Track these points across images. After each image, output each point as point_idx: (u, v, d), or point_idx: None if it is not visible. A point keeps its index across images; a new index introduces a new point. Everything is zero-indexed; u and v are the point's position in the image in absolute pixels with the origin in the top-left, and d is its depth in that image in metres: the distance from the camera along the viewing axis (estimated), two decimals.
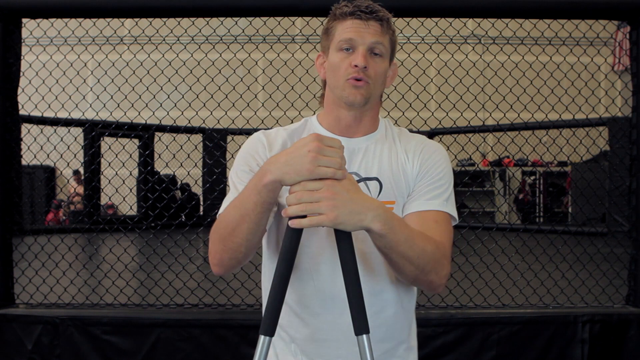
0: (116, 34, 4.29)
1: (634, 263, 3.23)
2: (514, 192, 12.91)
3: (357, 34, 1.37)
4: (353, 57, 1.37)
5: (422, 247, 1.27)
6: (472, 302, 3.33)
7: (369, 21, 1.37)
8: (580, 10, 3.31)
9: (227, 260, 1.33)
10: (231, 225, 1.27)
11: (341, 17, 1.40)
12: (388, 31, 1.41)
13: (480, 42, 9.62)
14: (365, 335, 1.19)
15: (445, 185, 1.43)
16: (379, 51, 1.39)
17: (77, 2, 3.29)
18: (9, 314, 3.15)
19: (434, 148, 1.48)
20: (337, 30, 1.40)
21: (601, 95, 10.52)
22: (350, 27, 1.38)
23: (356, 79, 1.37)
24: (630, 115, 3.33)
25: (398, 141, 1.49)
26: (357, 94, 1.38)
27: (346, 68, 1.38)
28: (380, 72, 1.40)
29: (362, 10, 1.37)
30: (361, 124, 1.46)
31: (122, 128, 6.17)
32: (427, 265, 1.29)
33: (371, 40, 1.37)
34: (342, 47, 1.39)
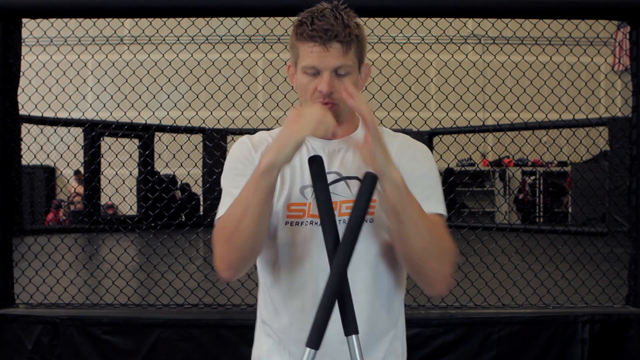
0: (116, 34, 4.28)
1: (634, 263, 3.23)
2: (514, 192, 12.91)
3: (319, 60, 1.36)
4: (317, 82, 1.38)
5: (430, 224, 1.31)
6: (472, 302, 3.33)
7: (330, 43, 1.35)
8: (580, 10, 3.31)
9: (235, 261, 1.35)
10: (235, 223, 1.30)
11: (302, 39, 1.38)
12: (350, 44, 1.37)
13: (480, 42, 9.62)
14: (354, 336, 1.22)
15: (432, 185, 1.44)
16: (344, 71, 1.38)
17: (77, 2, 3.29)
18: (9, 314, 3.15)
19: (416, 146, 1.50)
20: (300, 51, 1.39)
21: (601, 95, 10.50)
22: (311, 53, 1.36)
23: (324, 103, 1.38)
24: (630, 115, 3.33)
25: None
26: None
27: (312, 91, 1.39)
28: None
29: (321, 35, 1.34)
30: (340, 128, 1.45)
31: (122, 128, 6.17)
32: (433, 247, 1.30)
33: (334, 65, 1.37)
34: (306, 72, 1.39)
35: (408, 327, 3.24)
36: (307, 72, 1.39)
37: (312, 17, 1.37)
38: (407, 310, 3.30)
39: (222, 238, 1.34)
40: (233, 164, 1.48)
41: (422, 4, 3.29)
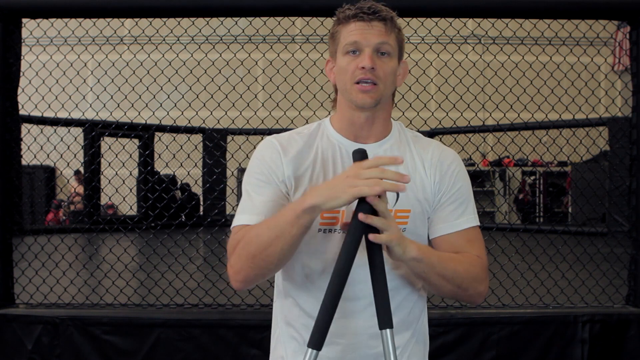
0: (116, 34, 4.29)
1: (634, 263, 3.23)
2: (514, 192, 12.91)
3: (362, 36, 1.36)
4: (360, 59, 1.36)
5: (454, 267, 1.35)
6: None
7: (373, 22, 1.36)
8: (580, 10, 3.31)
9: (253, 277, 1.35)
10: (263, 245, 1.29)
11: (345, 21, 1.39)
12: (393, 29, 1.39)
13: (480, 42, 9.62)
14: (388, 330, 1.22)
15: (467, 197, 1.46)
16: (386, 50, 1.38)
17: (77, 2, 3.29)
18: (9, 314, 3.15)
19: (451, 157, 1.48)
20: (342, 34, 1.39)
21: (601, 95, 10.52)
22: (354, 30, 1.37)
23: (365, 82, 1.36)
24: (630, 115, 3.33)
25: (413, 147, 1.48)
26: (367, 97, 1.37)
27: (353, 71, 1.37)
28: (388, 71, 1.39)
29: (365, 12, 1.36)
30: (373, 127, 1.44)
31: (122, 128, 6.17)
32: (463, 283, 1.36)
33: (376, 41, 1.36)
34: (348, 51, 1.38)
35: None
36: (349, 52, 1.38)
37: (352, 3, 1.40)
38: None
39: (245, 252, 1.32)
40: (259, 167, 1.42)
41: (422, 4, 3.29)
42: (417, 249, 1.28)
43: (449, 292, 1.38)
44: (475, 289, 1.39)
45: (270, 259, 1.29)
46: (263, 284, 1.62)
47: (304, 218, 1.25)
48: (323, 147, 1.44)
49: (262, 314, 3.13)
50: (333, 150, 1.43)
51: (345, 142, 1.43)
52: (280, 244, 1.27)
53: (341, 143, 1.43)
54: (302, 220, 1.25)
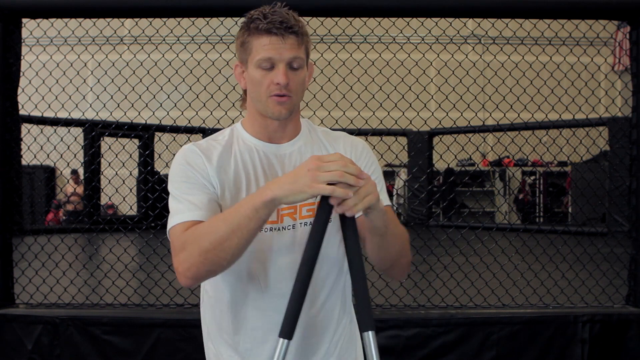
0: (116, 34, 4.29)
1: (634, 263, 3.23)
2: (514, 192, 12.91)
3: (276, 51, 1.37)
4: (274, 75, 1.38)
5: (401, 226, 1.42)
6: (472, 302, 3.33)
7: (285, 36, 1.37)
8: (580, 10, 3.31)
9: (205, 273, 1.34)
10: (219, 239, 1.28)
11: (257, 33, 1.38)
12: (303, 41, 1.41)
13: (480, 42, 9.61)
14: (370, 332, 1.20)
15: (380, 179, 1.51)
16: (298, 64, 1.40)
17: (77, 2, 3.29)
18: (9, 314, 3.15)
19: (361, 145, 1.55)
20: (254, 46, 1.39)
21: (601, 95, 10.52)
22: (267, 45, 1.37)
23: (279, 95, 1.39)
24: (630, 115, 3.33)
25: (325, 141, 1.54)
26: (282, 109, 1.41)
27: (268, 85, 1.39)
28: (300, 82, 1.42)
29: (277, 27, 1.36)
30: (286, 129, 1.49)
31: (122, 128, 6.17)
32: (405, 244, 1.43)
33: (289, 56, 1.38)
34: (261, 65, 1.39)
35: (408, 327, 3.24)
36: (262, 66, 1.39)
37: (263, 13, 1.38)
38: (407, 310, 3.31)
39: (197, 248, 1.30)
40: (185, 172, 1.44)
41: (422, 4, 3.29)
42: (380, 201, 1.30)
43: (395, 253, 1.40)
44: (408, 257, 1.45)
45: (224, 254, 1.28)
46: None
47: (263, 211, 1.25)
48: (241, 150, 1.47)
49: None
50: (250, 153, 1.47)
51: (260, 144, 1.48)
52: (236, 238, 1.27)
53: (257, 145, 1.48)
54: (260, 214, 1.25)
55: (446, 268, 3.86)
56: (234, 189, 1.43)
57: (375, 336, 1.21)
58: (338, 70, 4.01)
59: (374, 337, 1.21)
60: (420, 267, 3.95)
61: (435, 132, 9.61)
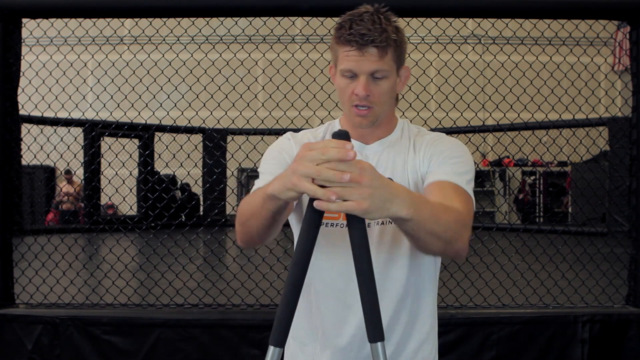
0: (116, 34, 4.29)
1: (634, 263, 3.23)
2: (514, 192, 12.91)
3: (356, 64, 1.37)
4: (355, 85, 1.39)
5: (446, 220, 1.23)
6: (472, 302, 3.33)
7: (365, 49, 1.36)
8: (580, 10, 3.31)
9: (247, 240, 1.40)
10: (244, 218, 1.35)
11: (340, 43, 1.39)
12: (388, 49, 1.38)
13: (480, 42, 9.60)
14: (379, 343, 1.13)
15: (463, 164, 1.42)
16: (381, 75, 1.39)
17: (77, 2, 3.28)
18: (9, 314, 3.15)
19: (448, 139, 1.50)
20: (339, 54, 1.40)
21: (601, 95, 10.52)
22: (348, 56, 1.38)
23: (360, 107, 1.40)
24: (630, 115, 3.33)
25: (413, 141, 1.51)
26: (363, 120, 1.42)
27: (350, 95, 1.40)
28: (384, 92, 1.41)
29: (359, 39, 1.35)
30: (376, 130, 1.50)
31: (122, 128, 6.17)
32: (453, 236, 1.26)
33: (370, 69, 1.37)
34: (344, 75, 1.40)
35: None
36: (345, 75, 1.40)
37: (351, 20, 1.37)
38: None
39: (238, 219, 1.38)
40: (273, 154, 1.49)
41: (422, 4, 3.29)
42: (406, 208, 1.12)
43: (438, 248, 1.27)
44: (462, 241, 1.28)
45: (250, 230, 1.34)
46: (262, 284, 1.62)
47: (270, 203, 1.23)
48: None
49: (262, 314, 3.13)
50: None
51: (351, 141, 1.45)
52: (254, 222, 1.31)
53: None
54: (268, 205, 1.23)
55: (446, 268, 3.86)
56: None
57: (384, 347, 1.13)
58: None
59: (382, 348, 1.13)
60: None
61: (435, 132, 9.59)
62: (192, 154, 5.60)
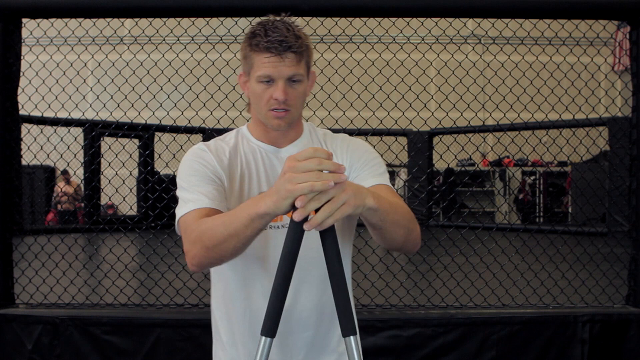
0: (116, 34, 4.28)
1: (634, 263, 3.23)
2: (514, 192, 12.91)
3: (275, 69, 1.42)
4: (273, 90, 1.44)
5: (402, 209, 1.38)
6: (472, 302, 3.33)
7: (284, 55, 1.41)
8: (580, 10, 3.31)
9: (208, 264, 1.40)
10: (218, 240, 1.31)
11: (257, 50, 1.43)
12: (303, 57, 1.45)
13: (480, 42, 9.62)
14: (352, 337, 1.21)
15: (380, 164, 1.55)
16: (297, 79, 1.45)
17: (77, 2, 3.28)
18: (9, 314, 3.15)
19: (357, 141, 1.60)
20: (255, 61, 1.44)
21: (601, 95, 10.53)
22: (267, 63, 1.42)
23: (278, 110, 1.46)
24: (630, 115, 3.33)
25: (324, 143, 1.59)
26: (281, 122, 1.48)
27: (267, 99, 1.46)
28: (299, 95, 1.48)
29: (277, 46, 1.40)
30: (288, 134, 1.56)
31: (122, 128, 6.17)
32: (409, 224, 1.40)
33: (288, 73, 1.43)
34: (261, 80, 1.45)
35: (408, 327, 3.24)
36: (262, 81, 1.45)
37: (264, 29, 1.42)
38: (407, 310, 3.31)
39: (199, 243, 1.35)
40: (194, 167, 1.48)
41: (422, 4, 3.29)
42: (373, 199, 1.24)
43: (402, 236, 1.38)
44: (417, 230, 1.43)
45: (222, 252, 1.34)
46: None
47: (259, 222, 1.26)
48: (245, 151, 1.56)
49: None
50: (254, 154, 1.55)
51: (264, 146, 1.56)
52: (233, 242, 1.30)
53: (260, 147, 1.56)
54: (256, 224, 1.27)
55: (446, 268, 3.86)
56: (239, 187, 1.51)
57: (357, 340, 1.21)
58: (338, 70, 4.00)
59: (356, 342, 1.21)
60: (420, 267, 3.95)
61: (435, 132, 9.61)
62: None
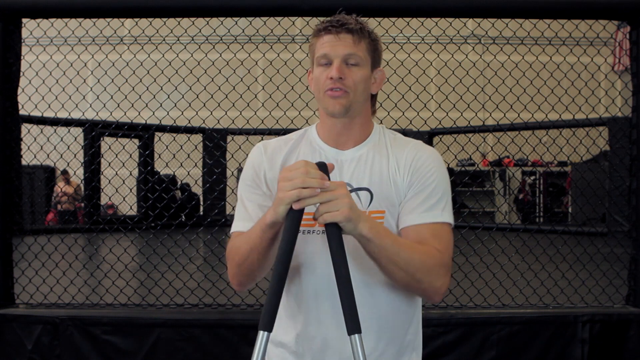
0: (116, 34, 4.28)
1: (634, 263, 3.23)
2: (514, 192, 12.91)
3: (331, 48, 1.44)
4: (329, 70, 1.44)
5: (409, 255, 1.34)
6: (472, 302, 3.33)
7: (340, 34, 1.44)
8: (580, 10, 3.31)
9: (246, 281, 1.47)
10: (243, 256, 1.41)
11: (318, 34, 1.47)
12: (362, 40, 1.46)
13: (480, 42, 9.62)
14: (357, 335, 1.23)
15: (439, 193, 1.45)
16: (354, 61, 1.45)
17: (77, 2, 3.29)
18: (9, 314, 3.15)
19: (426, 155, 1.49)
20: (316, 46, 1.48)
21: (601, 95, 10.52)
22: (324, 43, 1.45)
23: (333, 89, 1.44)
24: (630, 115, 3.33)
25: (390, 149, 1.52)
26: (336, 103, 1.44)
27: (324, 81, 1.45)
28: (358, 80, 1.45)
29: (333, 25, 1.44)
30: (351, 133, 1.51)
31: (122, 128, 6.17)
32: (417, 273, 1.34)
33: (344, 52, 1.44)
34: (320, 63, 1.46)
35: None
36: (321, 63, 1.46)
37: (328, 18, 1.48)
38: None
39: (233, 262, 1.44)
40: (248, 173, 1.53)
41: (422, 4, 3.29)
42: (368, 228, 1.28)
43: (401, 280, 1.36)
44: (430, 283, 1.37)
45: (252, 267, 1.41)
46: (262, 283, 1.62)
47: (269, 232, 1.33)
48: (305, 152, 1.52)
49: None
50: (313, 155, 1.51)
51: (326, 148, 1.52)
52: (255, 255, 1.38)
53: (322, 148, 1.52)
54: (267, 235, 1.34)
55: None
56: None
57: (361, 339, 1.23)
58: None
59: (360, 340, 1.23)
60: None
61: (435, 132, 9.60)
62: (192, 154, 5.59)
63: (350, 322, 1.23)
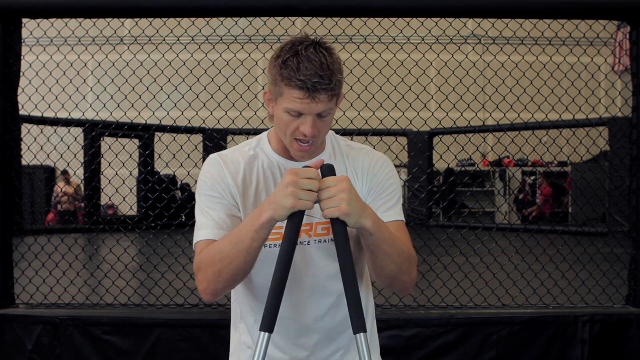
0: (116, 34, 4.28)
1: (634, 263, 3.23)
2: (514, 192, 12.91)
3: (305, 107, 1.36)
4: (300, 123, 1.38)
5: (400, 246, 1.41)
6: (472, 302, 3.33)
7: (319, 95, 1.35)
8: (580, 10, 3.31)
9: (221, 289, 1.44)
10: (227, 260, 1.36)
11: (289, 84, 1.35)
12: (335, 92, 1.38)
13: (480, 42, 9.62)
14: (362, 334, 1.26)
15: (396, 194, 1.53)
16: (326, 114, 1.40)
17: (77, 2, 3.29)
18: (9, 314, 3.15)
19: (381, 161, 1.55)
20: (285, 93, 1.36)
21: (601, 95, 10.52)
22: (296, 99, 1.35)
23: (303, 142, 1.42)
24: (630, 115, 3.33)
25: (346, 158, 1.54)
26: (304, 154, 1.45)
27: (293, 130, 1.40)
28: (327, 126, 1.44)
29: (311, 88, 1.33)
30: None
31: (122, 128, 6.16)
32: (403, 264, 1.41)
33: (319, 110, 1.37)
34: (290, 113, 1.38)
35: (408, 327, 3.24)
36: (291, 114, 1.39)
37: (297, 60, 1.34)
38: (407, 310, 3.31)
39: (210, 270, 1.39)
40: (208, 184, 1.48)
41: (422, 4, 3.29)
42: (371, 222, 1.32)
43: (390, 272, 1.41)
44: (410, 274, 1.45)
45: (235, 271, 1.37)
46: None
47: (262, 231, 1.33)
48: (264, 166, 1.52)
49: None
50: (272, 169, 1.52)
51: (282, 161, 1.52)
52: (243, 257, 1.35)
53: (279, 162, 1.52)
54: (260, 234, 1.33)
55: (446, 268, 3.86)
56: (254, 201, 1.48)
57: (366, 338, 1.26)
58: None
59: (365, 339, 1.26)
60: (420, 267, 3.94)
61: (435, 132, 9.60)
62: (192, 154, 5.59)
63: (356, 320, 1.26)
